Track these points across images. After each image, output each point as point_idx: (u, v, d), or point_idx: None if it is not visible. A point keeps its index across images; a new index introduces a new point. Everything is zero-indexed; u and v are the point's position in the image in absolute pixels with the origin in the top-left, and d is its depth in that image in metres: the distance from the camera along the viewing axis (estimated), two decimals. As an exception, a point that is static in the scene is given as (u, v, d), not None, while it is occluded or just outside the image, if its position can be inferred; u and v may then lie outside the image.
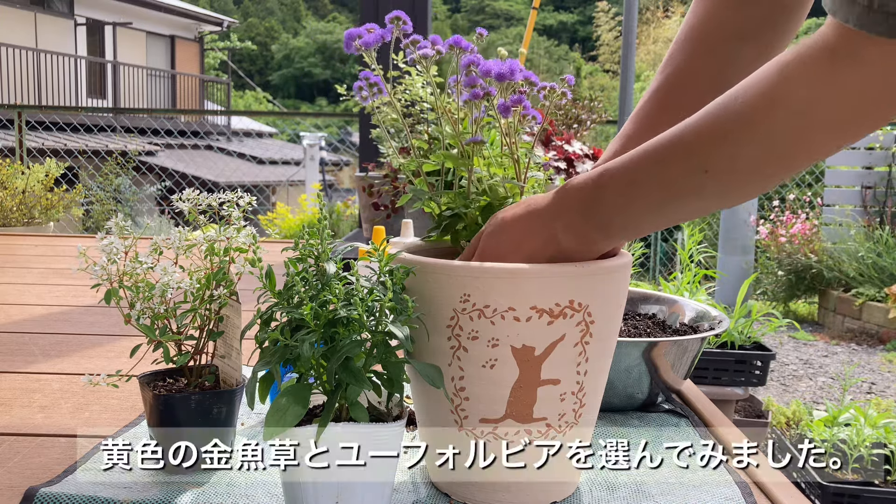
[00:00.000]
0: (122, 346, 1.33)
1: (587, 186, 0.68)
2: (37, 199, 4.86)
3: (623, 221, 0.69)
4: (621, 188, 0.67)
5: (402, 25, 0.77)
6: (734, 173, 0.62)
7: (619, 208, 0.68)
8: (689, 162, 0.63)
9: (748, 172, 0.61)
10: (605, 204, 0.68)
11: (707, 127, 0.61)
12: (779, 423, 2.92)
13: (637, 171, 0.66)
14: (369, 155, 3.29)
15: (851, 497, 2.12)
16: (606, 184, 0.67)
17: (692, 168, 0.62)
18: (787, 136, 0.58)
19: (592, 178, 0.68)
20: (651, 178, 0.65)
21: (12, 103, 10.85)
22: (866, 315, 5.06)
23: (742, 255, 5.80)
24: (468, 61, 0.74)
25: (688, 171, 0.63)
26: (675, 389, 1.06)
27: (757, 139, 0.59)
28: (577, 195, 0.69)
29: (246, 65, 33.81)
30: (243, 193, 0.81)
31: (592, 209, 0.68)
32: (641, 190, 0.66)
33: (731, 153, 0.60)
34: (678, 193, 0.65)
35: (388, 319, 0.66)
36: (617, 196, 0.67)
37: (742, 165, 0.61)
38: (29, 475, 0.79)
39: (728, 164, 0.61)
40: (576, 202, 0.69)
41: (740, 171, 0.61)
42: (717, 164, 0.61)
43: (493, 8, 33.93)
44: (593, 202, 0.68)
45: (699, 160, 0.62)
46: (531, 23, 3.16)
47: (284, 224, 6.09)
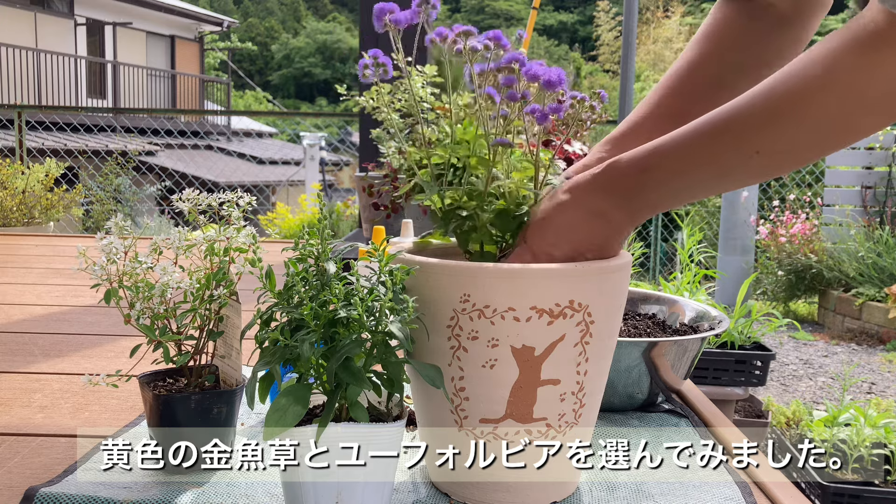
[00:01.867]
0: (122, 346, 1.33)
1: (637, 167, 0.70)
2: (37, 199, 4.86)
3: (669, 198, 0.71)
4: (673, 166, 0.69)
5: (430, 10, 0.73)
6: (784, 154, 0.65)
7: (667, 186, 0.70)
8: (741, 143, 0.65)
9: (797, 152, 0.65)
10: (654, 182, 0.70)
11: (759, 110, 0.64)
12: (779, 423, 2.92)
13: (689, 150, 0.68)
14: (369, 155, 3.29)
15: (851, 497, 2.12)
16: (657, 164, 0.69)
17: (744, 150, 0.65)
18: (836, 119, 0.61)
19: (641, 158, 0.70)
20: (702, 158, 0.68)
21: (12, 103, 10.84)
22: (866, 315, 5.06)
23: (742, 255, 5.80)
24: (511, 58, 0.71)
25: (739, 152, 0.66)
26: (675, 389, 1.06)
27: (808, 122, 0.62)
28: (626, 175, 0.71)
29: (246, 65, 33.81)
30: (243, 193, 0.81)
31: (641, 188, 0.71)
32: (692, 169, 0.69)
33: (783, 136, 0.64)
34: (727, 171, 0.68)
35: (388, 319, 0.66)
36: (668, 175, 0.70)
37: (792, 146, 0.64)
38: (29, 475, 0.79)
39: (779, 146, 0.64)
40: (625, 181, 0.71)
41: (789, 151, 0.65)
42: (769, 146, 0.64)
43: (493, 8, 33.92)
44: (643, 181, 0.70)
45: (751, 142, 0.65)
46: (531, 23, 3.15)
47: (284, 224, 6.09)
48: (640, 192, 0.71)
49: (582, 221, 0.72)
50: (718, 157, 0.68)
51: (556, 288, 0.68)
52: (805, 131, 0.63)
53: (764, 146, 0.64)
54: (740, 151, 0.66)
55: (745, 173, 0.68)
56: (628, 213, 0.72)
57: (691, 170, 0.69)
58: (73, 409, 1.01)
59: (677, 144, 0.69)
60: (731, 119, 0.66)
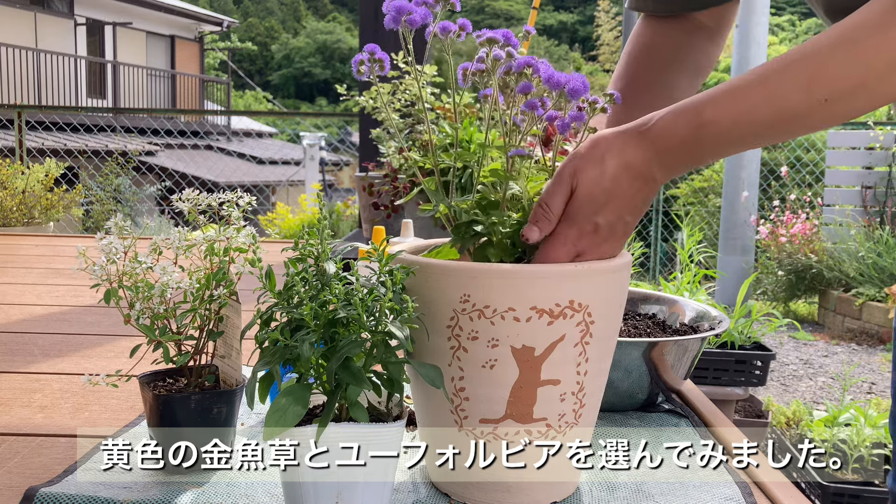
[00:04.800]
0: (122, 346, 1.33)
1: (692, 122, 0.69)
2: (37, 199, 4.86)
3: (719, 150, 0.70)
4: (733, 117, 0.68)
5: (447, 9, 0.72)
6: (851, 101, 0.65)
7: (723, 138, 0.69)
8: (811, 88, 0.65)
9: (861, 101, 0.65)
10: (709, 136, 0.69)
11: (825, 42, 0.65)
12: (779, 423, 2.92)
13: (748, 97, 0.67)
14: (369, 155, 3.29)
15: (851, 497, 2.12)
16: (713, 119, 0.68)
17: (813, 95, 0.65)
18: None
19: (692, 113, 0.69)
20: (763, 106, 0.67)
21: (12, 103, 10.83)
22: (866, 315, 5.06)
23: (742, 255, 5.80)
24: (525, 63, 0.69)
25: (807, 98, 0.65)
26: (675, 389, 1.06)
27: (885, 46, 0.63)
28: (680, 133, 0.69)
29: (246, 65, 33.81)
30: (243, 193, 0.81)
31: (694, 142, 0.69)
32: (751, 117, 0.68)
33: (859, 83, 0.64)
34: (785, 119, 0.67)
35: (388, 319, 0.66)
36: (728, 126, 0.68)
37: (860, 95, 0.64)
38: (29, 475, 0.79)
39: (851, 93, 0.64)
40: (679, 138, 0.69)
41: (856, 99, 0.65)
42: (840, 93, 0.64)
43: (493, 8, 33.93)
44: (698, 136, 0.69)
45: (823, 88, 0.65)
46: (531, 23, 3.15)
47: (284, 224, 6.09)
48: (695, 146, 0.69)
49: (626, 185, 0.70)
50: (781, 103, 0.66)
51: (556, 288, 0.68)
52: (882, 62, 0.63)
53: (833, 92, 0.64)
54: (807, 98, 0.65)
55: (802, 124, 0.67)
56: (672, 171, 0.71)
57: (750, 119, 0.68)
58: (73, 409, 1.01)
59: (736, 92, 0.68)
60: (796, 58, 0.66)
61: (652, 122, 0.70)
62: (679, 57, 0.96)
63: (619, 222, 0.71)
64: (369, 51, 0.72)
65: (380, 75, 0.74)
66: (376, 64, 0.72)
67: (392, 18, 0.70)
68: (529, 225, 0.71)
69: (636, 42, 0.98)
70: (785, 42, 21.13)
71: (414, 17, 0.70)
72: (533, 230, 0.71)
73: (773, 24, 23.38)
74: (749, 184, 5.80)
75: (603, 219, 0.70)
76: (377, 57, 0.72)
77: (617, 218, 0.71)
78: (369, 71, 0.73)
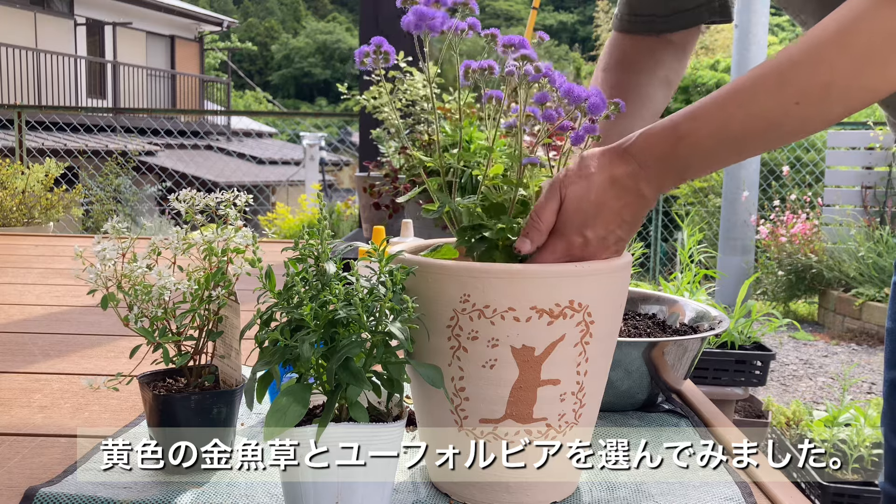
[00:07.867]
0: (122, 346, 1.33)
1: (670, 137, 0.70)
2: (37, 199, 4.86)
3: (700, 163, 0.72)
4: (710, 129, 0.69)
5: (467, 14, 0.71)
6: (822, 103, 0.66)
7: (701, 151, 0.70)
8: (782, 92, 0.66)
9: (833, 103, 0.66)
10: (687, 148, 0.70)
11: (804, 57, 0.66)
12: (779, 423, 2.92)
13: (724, 109, 0.69)
14: (369, 155, 3.29)
15: (851, 497, 2.12)
16: (692, 130, 0.70)
17: (784, 99, 0.66)
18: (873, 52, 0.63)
19: (670, 128, 0.71)
20: (738, 114, 0.68)
21: (12, 103, 10.84)
22: (866, 315, 5.05)
23: (742, 255, 5.80)
24: (544, 73, 0.70)
25: (779, 103, 0.66)
26: (675, 389, 1.06)
27: (850, 50, 0.64)
28: (659, 147, 0.71)
29: (246, 65, 33.81)
30: (240, 193, 0.81)
31: (674, 157, 0.71)
32: (727, 128, 0.69)
33: (826, 82, 0.65)
34: (760, 128, 0.68)
35: (388, 319, 0.66)
36: (704, 138, 0.69)
37: (831, 95, 0.65)
38: (29, 475, 0.79)
39: (820, 94, 0.65)
40: (658, 153, 0.71)
41: (828, 101, 0.65)
42: (809, 95, 0.66)
43: (493, 8, 33.95)
44: (676, 151, 0.70)
45: (792, 90, 0.66)
46: (531, 23, 3.15)
47: (284, 224, 6.09)
48: (675, 161, 0.71)
49: (613, 198, 0.71)
50: (754, 108, 0.67)
51: (555, 288, 0.68)
52: (846, 59, 0.64)
53: (804, 95, 0.65)
54: (779, 101, 0.66)
55: (777, 131, 0.68)
56: (658, 185, 0.72)
57: (726, 128, 0.69)
58: (73, 409, 1.01)
59: (710, 105, 0.69)
60: (770, 68, 0.67)
61: (632, 140, 0.72)
62: (655, 71, 1.03)
63: (610, 236, 0.72)
64: (376, 43, 0.72)
65: (382, 70, 0.74)
66: (381, 56, 0.72)
67: (414, 26, 0.70)
68: (521, 237, 0.73)
69: (613, 56, 1.04)
70: (785, 42, 21.14)
71: (435, 23, 0.70)
72: (525, 242, 0.73)
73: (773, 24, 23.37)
74: (749, 184, 5.80)
75: (592, 232, 0.72)
76: (384, 49, 0.72)
77: (606, 232, 0.72)
78: (373, 62, 0.72)
